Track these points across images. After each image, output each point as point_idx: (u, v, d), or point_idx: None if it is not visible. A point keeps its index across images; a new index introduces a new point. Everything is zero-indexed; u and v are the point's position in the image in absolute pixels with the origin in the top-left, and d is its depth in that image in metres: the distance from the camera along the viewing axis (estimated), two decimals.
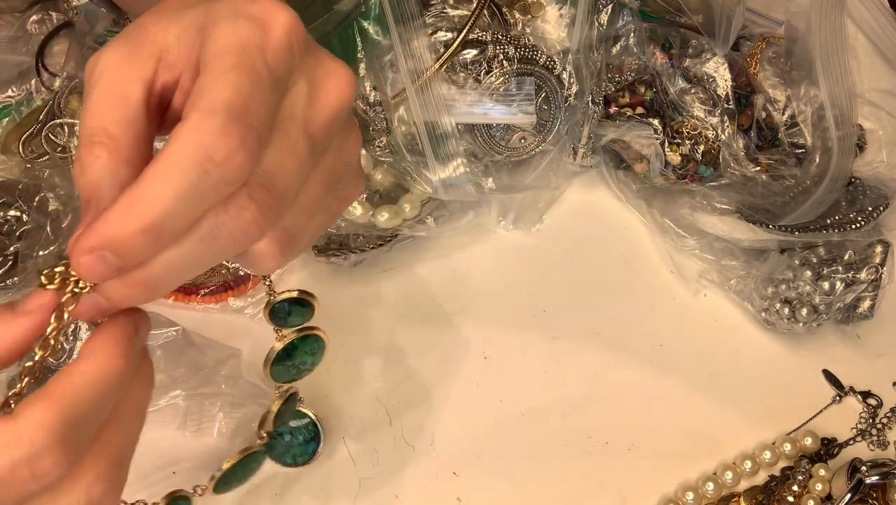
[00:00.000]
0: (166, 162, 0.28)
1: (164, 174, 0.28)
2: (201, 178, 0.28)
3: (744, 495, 0.56)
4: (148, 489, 0.53)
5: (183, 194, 0.28)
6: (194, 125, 0.28)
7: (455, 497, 0.55)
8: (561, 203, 0.66)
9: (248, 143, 0.28)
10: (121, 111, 0.30)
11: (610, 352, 0.60)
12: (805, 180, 0.61)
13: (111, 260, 0.28)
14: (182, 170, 0.27)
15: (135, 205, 0.28)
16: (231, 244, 0.30)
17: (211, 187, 0.28)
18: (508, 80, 0.59)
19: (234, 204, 0.29)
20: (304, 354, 0.47)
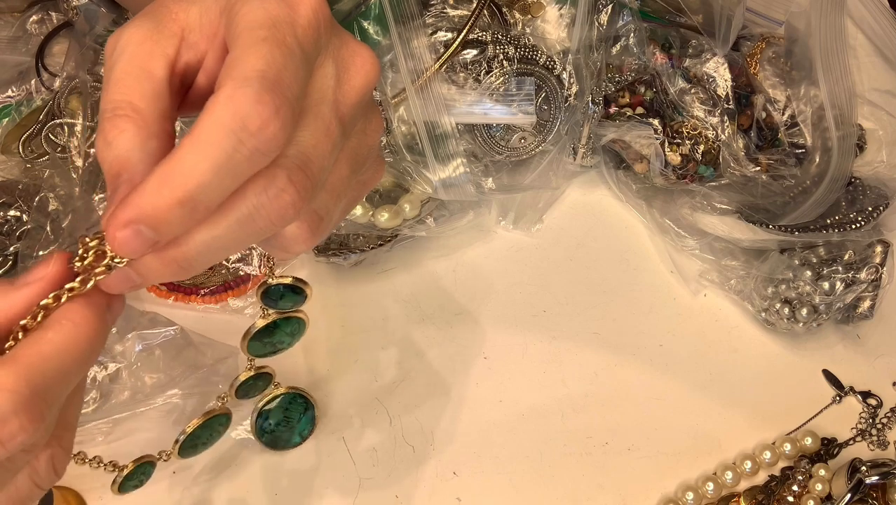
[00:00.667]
0: (201, 133, 0.27)
1: (199, 145, 0.27)
2: (236, 148, 0.27)
3: (744, 495, 0.56)
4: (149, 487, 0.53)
5: (218, 165, 0.27)
6: (228, 95, 0.27)
7: (455, 497, 0.55)
8: (561, 203, 0.66)
9: (281, 113, 0.28)
10: (145, 86, 0.30)
11: (610, 352, 0.60)
12: (805, 180, 0.61)
13: (146, 234, 0.28)
14: (217, 140, 0.27)
15: (170, 177, 0.27)
16: (267, 226, 0.30)
17: (245, 158, 0.28)
18: (508, 80, 0.59)
19: (273, 186, 0.29)
20: (284, 334, 0.49)
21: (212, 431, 0.51)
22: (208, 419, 0.49)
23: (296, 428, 0.54)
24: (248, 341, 0.47)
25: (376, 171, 0.37)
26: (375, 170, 0.37)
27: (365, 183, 0.36)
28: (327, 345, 0.59)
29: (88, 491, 0.53)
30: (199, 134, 0.27)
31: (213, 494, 0.54)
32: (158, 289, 0.59)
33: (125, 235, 0.27)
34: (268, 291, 0.45)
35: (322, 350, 0.59)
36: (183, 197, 0.27)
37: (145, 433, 0.54)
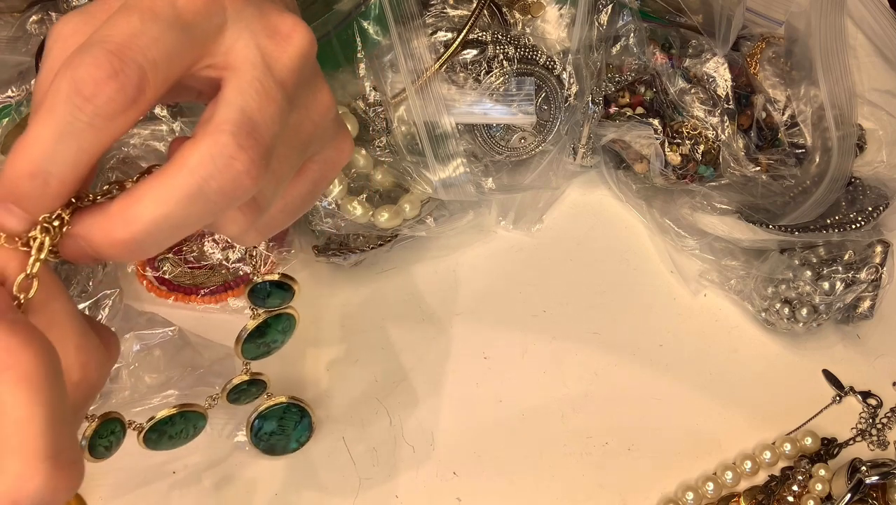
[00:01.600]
0: (45, 103, 0.28)
1: (41, 115, 0.28)
2: (73, 114, 0.27)
3: (744, 495, 0.56)
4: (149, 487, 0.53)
5: (59, 132, 0.27)
6: (71, 59, 0.28)
7: (455, 497, 0.55)
8: (561, 203, 0.66)
9: (121, 76, 0.28)
10: None
11: (610, 352, 0.60)
12: (805, 180, 0.61)
13: (17, 212, 0.28)
14: (54, 106, 0.27)
15: (20, 149, 0.28)
16: (221, 199, 0.29)
17: (86, 124, 0.28)
18: (508, 80, 0.59)
19: (221, 154, 0.28)
20: (276, 333, 0.48)
21: (185, 427, 0.50)
22: (186, 412, 0.48)
23: (292, 435, 0.54)
24: (242, 345, 0.47)
25: (338, 150, 0.35)
26: (336, 148, 0.35)
27: (326, 163, 0.35)
28: (327, 345, 0.59)
29: (88, 492, 0.53)
30: (44, 105, 0.28)
31: (213, 494, 0.54)
32: (158, 289, 0.59)
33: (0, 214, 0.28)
34: (254, 290, 0.45)
35: (322, 350, 0.59)
36: (32, 168, 0.28)
37: None
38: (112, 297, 0.55)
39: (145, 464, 0.54)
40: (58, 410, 0.26)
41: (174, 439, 0.50)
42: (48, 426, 0.26)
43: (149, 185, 0.29)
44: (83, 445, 0.45)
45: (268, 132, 0.30)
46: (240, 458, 0.55)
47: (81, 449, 0.45)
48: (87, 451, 0.46)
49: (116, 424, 0.46)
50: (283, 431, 0.53)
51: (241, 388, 0.50)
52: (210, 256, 0.60)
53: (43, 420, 0.25)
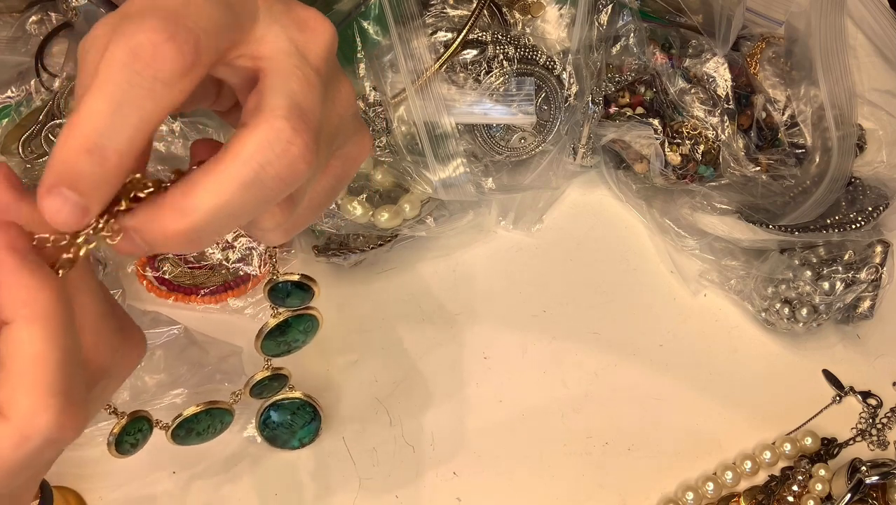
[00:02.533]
0: (97, 76, 0.27)
1: (95, 87, 0.27)
2: (130, 82, 0.27)
3: (744, 495, 0.56)
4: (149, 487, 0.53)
5: (116, 102, 0.26)
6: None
7: (455, 497, 0.55)
8: (561, 203, 0.66)
9: (178, 38, 0.27)
10: None
11: (610, 352, 0.60)
12: (805, 180, 0.61)
13: (71, 197, 0.26)
14: (110, 76, 0.26)
15: (74, 126, 0.27)
16: (278, 186, 0.28)
17: (146, 91, 0.27)
18: (508, 81, 0.59)
19: (279, 139, 0.28)
20: (297, 332, 0.48)
21: (211, 423, 0.50)
22: (211, 409, 0.49)
23: (297, 433, 0.54)
24: (262, 341, 0.47)
25: (358, 145, 0.35)
26: (358, 144, 0.35)
27: (347, 158, 0.35)
28: (327, 345, 0.59)
29: (88, 491, 0.53)
30: (98, 78, 0.27)
31: (213, 494, 0.54)
32: (158, 289, 0.59)
33: (51, 204, 0.26)
34: (274, 289, 0.45)
35: (322, 350, 0.59)
36: (87, 144, 0.26)
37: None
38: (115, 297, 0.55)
39: (145, 464, 0.54)
40: (70, 353, 0.27)
41: (202, 435, 0.50)
42: (60, 366, 0.26)
43: (205, 173, 0.28)
44: (110, 441, 0.46)
45: (314, 118, 0.29)
46: (240, 458, 0.55)
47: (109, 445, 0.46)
48: (114, 447, 0.46)
49: (144, 423, 0.47)
50: (291, 426, 0.53)
51: (263, 383, 0.50)
52: (210, 256, 0.60)
53: (56, 360, 0.26)
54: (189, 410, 0.48)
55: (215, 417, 0.50)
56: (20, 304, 0.26)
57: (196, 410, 0.48)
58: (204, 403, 0.48)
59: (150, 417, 0.47)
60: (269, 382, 0.51)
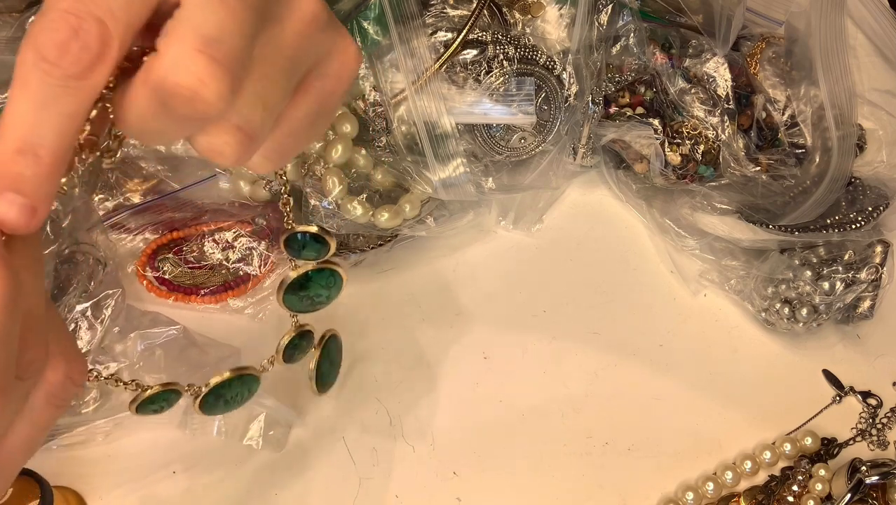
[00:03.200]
0: (15, 76, 0.27)
1: (16, 87, 0.27)
2: (44, 80, 0.27)
3: (744, 495, 0.56)
4: (149, 487, 0.53)
5: (38, 101, 0.27)
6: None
7: (455, 497, 0.55)
8: (561, 203, 0.66)
9: (83, 32, 0.27)
10: None
11: (610, 352, 0.60)
12: (805, 180, 0.61)
13: (17, 199, 0.27)
14: (24, 75, 0.27)
15: (2, 131, 0.27)
16: (188, 111, 0.28)
17: (61, 88, 0.27)
18: (508, 80, 0.59)
19: (178, 67, 0.27)
20: (319, 287, 0.47)
21: (240, 391, 0.49)
22: (242, 375, 0.47)
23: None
24: (283, 294, 0.46)
25: (343, 57, 0.33)
26: (339, 56, 0.32)
27: (330, 74, 0.33)
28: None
29: (88, 491, 0.53)
30: (15, 81, 0.27)
31: (213, 494, 0.54)
32: (158, 289, 0.59)
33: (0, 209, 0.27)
34: (290, 239, 0.44)
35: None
36: (18, 145, 0.27)
37: (147, 433, 0.54)
38: (114, 297, 0.55)
39: (145, 464, 0.54)
40: (7, 337, 0.27)
41: (229, 404, 0.49)
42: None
43: (128, 84, 0.28)
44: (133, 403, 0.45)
45: (229, 46, 0.28)
46: (240, 458, 0.55)
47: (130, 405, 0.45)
48: (135, 408, 0.45)
49: (172, 394, 0.46)
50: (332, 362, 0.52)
51: (293, 343, 0.49)
52: (210, 256, 0.60)
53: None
54: (217, 378, 0.46)
55: (245, 383, 0.48)
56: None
57: (226, 375, 0.47)
58: (234, 370, 0.47)
59: (179, 389, 0.46)
60: (298, 342, 0.50)
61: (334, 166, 0.57)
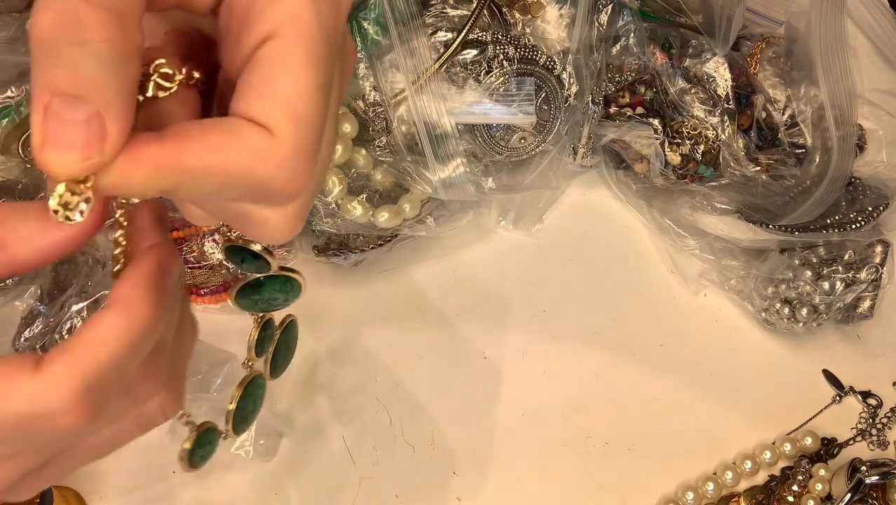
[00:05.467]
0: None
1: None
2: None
3: (744, 495, 0.56)
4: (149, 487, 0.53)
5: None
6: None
7: (455, 497, 0.55)
8: (561, 203, 0.66)
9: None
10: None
11: (610, 352, 0.60)
12: (805, 180, 0.61)
13: (81, 109, 0.23)
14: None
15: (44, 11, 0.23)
16: (260, 197, 0.26)
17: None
18: (508, 80, 0.59)
19: (259, 158, 0.25)
20: (274, 291, 0.45)
21: (254, 398, 0.47)
22: (246, 386, 0.45)
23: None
24: (234, 295, 0.43)
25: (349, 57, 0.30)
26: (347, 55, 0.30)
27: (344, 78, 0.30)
28: (327, 345, 0.59)
29: (88, 491, 0.53)
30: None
31: (213, 494, 0.54)
32: None
33: (56, 136, 0.23)
34: (230, 250, 0.40)
35: (322, 350, 0.59)
36: (71, 33, 0.23)
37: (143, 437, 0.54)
38: None
39: (145, 464, 0.54)
40: (124, 366, 0.27)
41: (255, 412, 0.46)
42: (102, 370, 0.26)
43: (187, 143, 0.25)
44: (183, 457, 0.44)
45: (316, 127, 0.26)
46: (239, 458, 0.55)
47: (181, 460, 0.44)
48: (187, 462, 0.44)
49: (212, 434, 0.45)
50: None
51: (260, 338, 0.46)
52: (210, 256, 0.60)
53: (106, 358, 0.26)
54: (232, 405, 0.45)
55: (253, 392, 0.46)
56: (119, 302, 0.27)
57: (234, 405, 0.45)
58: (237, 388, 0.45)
59: (215, 427, 0.46)
60: (263, 334, 0.46)
61: (334, 166, 0.57)
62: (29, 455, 0.29)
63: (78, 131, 0.23)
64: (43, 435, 0.27)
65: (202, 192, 0.25)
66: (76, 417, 0.26)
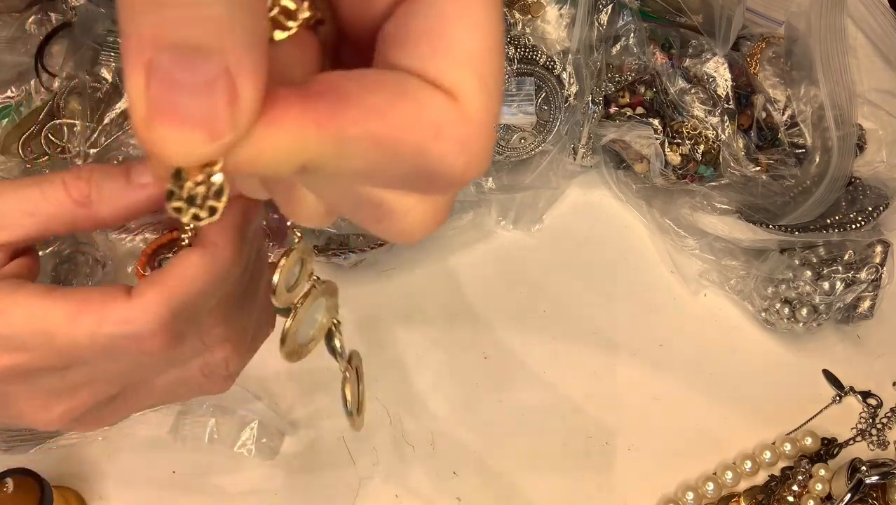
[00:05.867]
0: None
1: None
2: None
3: (744, 495, 0.56)
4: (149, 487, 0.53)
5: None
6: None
7: (455, 497, 0.55)
8: (561, 203, 0.66)
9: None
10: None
11: (610, 352, 0.60)
12: (805, 180, 0.61)
13: (212, 61, 0.16)
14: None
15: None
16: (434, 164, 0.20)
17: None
18: (508, 81, 0.59)
19: (449, 110, 0.20)
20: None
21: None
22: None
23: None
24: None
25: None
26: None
27: None
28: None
29: (88, 491, 0.53)
30: None
31: (213, 494, 0.54)
32: None
33: (170, 98, 0.17)
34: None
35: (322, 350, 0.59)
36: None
37: (147, 433, 0.54)
38: None
39: (145, 464, 0.54)
40: (204, 302, 0.29)
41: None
42: (186, 302, 0.28)
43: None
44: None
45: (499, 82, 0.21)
46: (240, 458, 0.55)
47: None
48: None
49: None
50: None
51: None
52: None
53: (190, 291, 0.28)
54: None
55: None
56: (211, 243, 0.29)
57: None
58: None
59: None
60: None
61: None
62: (103, 385, 0.31)
63: (201, 99, 0.16)
64: (128, 358, 0.29)
65: (351, 171, 0.19)
66: (160, 342, 0.28)
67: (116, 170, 0.30)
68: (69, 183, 0.29)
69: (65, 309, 0.28)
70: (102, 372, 0.30)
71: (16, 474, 0.46)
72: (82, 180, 0.30)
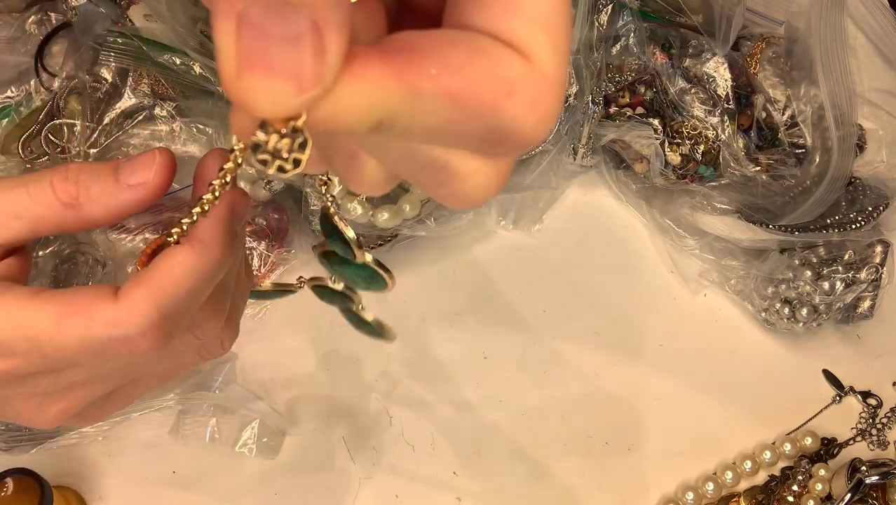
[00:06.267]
0: None
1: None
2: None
3: (744, 495, 0.56)
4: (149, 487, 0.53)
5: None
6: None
7: (455, 497, 0.55)
8: (561, 203, 0.66)
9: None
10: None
11: (610, 352, 0.60)
12: (805, 180, 0.61)
13: (301, 16, 0.17)
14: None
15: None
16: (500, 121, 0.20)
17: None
18: None
19: (513, 73, 0.20)
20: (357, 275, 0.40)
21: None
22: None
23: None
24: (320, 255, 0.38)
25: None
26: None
27: None
28: (327, 345, 0.59)
29: (88, 491, 0.53)
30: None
31: (213, 494, 0.54)
32: None
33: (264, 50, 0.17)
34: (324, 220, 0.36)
35: (322, 350, 0.59)
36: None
37: (147, 433, 0.54)
38: None
39: (145, 464, 0.54)
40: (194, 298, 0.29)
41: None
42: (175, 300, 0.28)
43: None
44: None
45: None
46: (240, 458, 0.55)
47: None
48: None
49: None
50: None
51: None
52: None
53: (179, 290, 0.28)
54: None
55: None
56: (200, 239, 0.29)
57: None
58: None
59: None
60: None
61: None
62: (99, 383, 0.31)
63: (291, 52, 0.17)
64: (119, 359, 0.29)
65: (424, 128, 0.19)
66: (151, 343, 0.28)
67: (104, 170, 0.29)
68: (56, 184, 0.29)
69: (51, 312, 0.28)
70: (96, 371, 0.30)
71: (16, 474, 0.46)
72: (70, 182, 0.29)
